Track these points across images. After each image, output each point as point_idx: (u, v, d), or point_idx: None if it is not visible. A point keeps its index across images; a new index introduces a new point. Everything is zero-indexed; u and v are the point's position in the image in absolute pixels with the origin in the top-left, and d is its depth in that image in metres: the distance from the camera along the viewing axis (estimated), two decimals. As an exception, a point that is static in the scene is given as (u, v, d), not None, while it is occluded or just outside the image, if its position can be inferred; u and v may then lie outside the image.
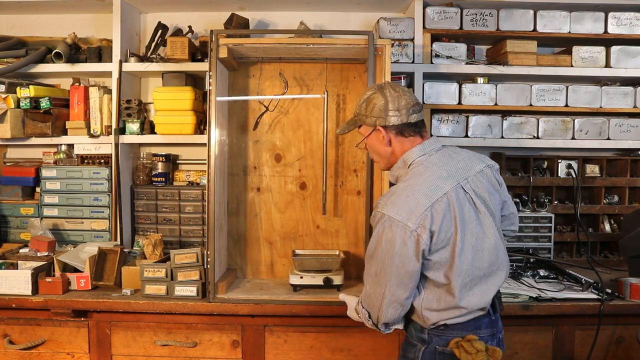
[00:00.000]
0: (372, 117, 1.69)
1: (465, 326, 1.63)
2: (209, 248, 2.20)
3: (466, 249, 1.58)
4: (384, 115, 1.67)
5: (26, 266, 2.34)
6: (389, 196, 1.61)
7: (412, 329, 1.72)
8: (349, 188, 2.57)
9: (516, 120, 2.72)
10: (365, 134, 1.74)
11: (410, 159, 1.68)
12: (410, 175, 1.64)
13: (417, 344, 1.69)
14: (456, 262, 1.57)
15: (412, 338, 1.71)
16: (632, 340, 2.17)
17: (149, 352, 2.24)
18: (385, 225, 1.56)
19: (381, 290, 1.60)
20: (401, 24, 2.68)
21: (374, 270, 1.61)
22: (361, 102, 1.73)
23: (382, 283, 1.59)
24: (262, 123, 2.57)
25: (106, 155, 2.75)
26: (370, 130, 1.72)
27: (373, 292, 1.63)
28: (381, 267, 1.58)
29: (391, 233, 1.55)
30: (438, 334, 1.65)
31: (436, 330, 1.65)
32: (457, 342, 1.61)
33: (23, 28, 2.99)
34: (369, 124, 1.71)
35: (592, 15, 2.68)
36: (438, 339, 1.65)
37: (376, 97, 1.69)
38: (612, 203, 2.85)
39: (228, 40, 2.25)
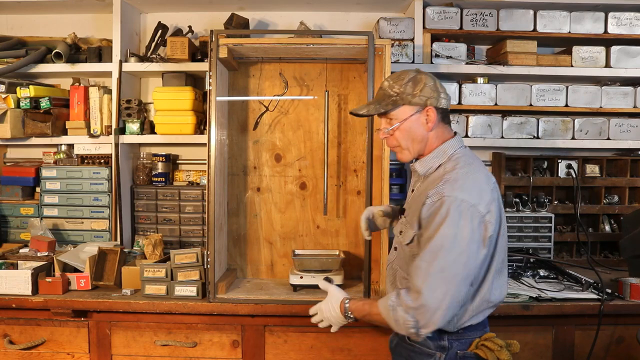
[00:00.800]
0: (422, 96, 1.58)
1: (479, 326, 1.61)
2: (209, 248, 2.20)
3: (502, 240, 1.57)
4: (437, 96, 1.59)
5: (26, 266, 2.34)
6: (452, 182, 1.50)
7: (425, 338, 1.58)
8: (349, 188, 2.57)
9: (516, 120, 2.72)
10: (405, 116, 1.60)
11: (452, 148, 1.62)
12: (461, 163, 1.57)
13: (434, 353, 1.59)
14: (496, 255, 1.55)
15: (427, 347, 1.61)
16: (632, 340, 2.17)
17: (149, 352, 2.24)
18: (459, 209, 1.45)
19: (445, 289, 1.44)
20: (401, 24, 2.68)
21: (441, 265, 1.44)
22: (404, 82, 1.60)
23: (449, 280, 1.44)
24: (262, 123, 2.57)
25: (106, 155, 2.75)
26: (413, 112, 1.60)
27: (432, 293, 1.43)
28: (451, 261, 1.44)
29: (464, 220, 1.44)
30: (458, 337, 1.59)
31: (457, 335, 1.58)
32: (478, 343, 1.58)
33: (23, 28, 2.99)
34: (415, 104, 1.59)
35: (592, 15, 2.68)
36: (458, 344, 1.59)
37: (425, 78, 1.60)
38: (612, 203, 2.85)
39: (228, 40, 2.25)
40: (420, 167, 1.67)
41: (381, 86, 1.67)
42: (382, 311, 1.54)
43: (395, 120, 1.63)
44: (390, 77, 1.66)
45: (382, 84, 1.67)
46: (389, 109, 1.62)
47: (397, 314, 1.48)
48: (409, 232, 1.61)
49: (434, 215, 1.48)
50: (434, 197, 1.50)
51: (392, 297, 1.52)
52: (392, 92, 1.62)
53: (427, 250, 1.47)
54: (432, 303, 1.44)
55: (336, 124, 2.55)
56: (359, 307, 1.65)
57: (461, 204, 1.46)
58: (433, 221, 1.48)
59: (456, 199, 1.46)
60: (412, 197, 1.70)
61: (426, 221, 1.51)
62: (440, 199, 1.48)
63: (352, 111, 1.73)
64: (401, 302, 1.48)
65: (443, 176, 1.55)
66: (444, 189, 1.49)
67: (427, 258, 1.46)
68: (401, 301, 1.48)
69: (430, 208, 1.50)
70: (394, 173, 2.78)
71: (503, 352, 1.56)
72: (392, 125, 1.63)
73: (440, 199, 1.48)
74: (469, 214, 1.46)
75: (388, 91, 1.63)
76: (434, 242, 1.46)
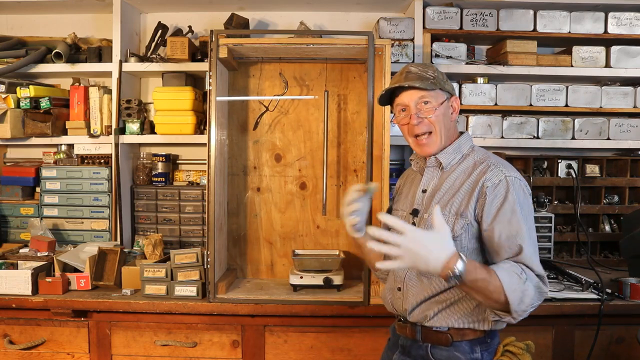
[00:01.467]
0: (450, 85, 1.63)
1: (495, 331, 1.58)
2: (209, 248, 2.20)
3: None
4: (454, 89, 1.68)
5: (26, 266, 2.34)
6: (501, 165, 1.54)
7: (455, 353, 1.51)
8: (349, 188, 2.56)
9: (516, 120, 2.72)
10: (441, 100, 1.59)
11: (469, 141, 1.66)
12: (487, 152, 1.63)
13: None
14: None
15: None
16: (632, 340, 2.17)
17: (149, 352, 2.24)
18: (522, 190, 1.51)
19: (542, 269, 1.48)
20: (401, 24, 2.68)
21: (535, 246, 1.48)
22: (435, 69, 1.62)
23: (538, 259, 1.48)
24: (262, 123, 2.57)
25: (106, 155, 2.75)
26: (444, 98, 1.60)
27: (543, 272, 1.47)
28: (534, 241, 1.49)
29: (530, 198, 1.53)
30: (487, 347, 1.54)
31: (485, 345, 1.53)
32: (503, 350, 1.56)
33: (23, 28, 2.99)
34: (447, 91, 1.61)
35: (592, 15, 2.68)
36: (487, 353, 1.53)
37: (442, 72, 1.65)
38: (612, 203, 2.85)
39: (228, 40, 2.25)
40: (444, 158, 1.61)
41: (408, 70, 1.62)
42: (505, 281, 1.37)
43: (432, 103, 1.58)
44: (415, 64, 1.64)
45: (408, 68, 1.62)
46: (433, 88, 1.57)
47: (528, 286, 1.40)
48: (458, 222, 1.52)
49: (507, 196, 1.48)
50: (494, 179, 1.50)
51: (516, 268, 1.41)
52: (428, 75, 1.59)
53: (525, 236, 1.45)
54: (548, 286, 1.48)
55: (336, 124, 2.55)
56: (477, 268, 1.38)
57: (521, 183, 1.52)
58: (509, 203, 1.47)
59: (516, 179, 1.52)
60: (442, 191, 1.59)
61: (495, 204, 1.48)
62: (505, 179, 1.50)
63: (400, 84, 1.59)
64: (529, 277, 1.41)
65: (483, 162, 1.57)
66: (502, 171, 1.52)
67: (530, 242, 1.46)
68: (530, 276, 1.42)
69: (495, 190, 1.49)
70: (394, 173, 2.77)
71: (525, 355, 1.55)
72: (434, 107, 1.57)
73: (503, 180, 1.50)
74: (528, 192, 1.54)
75: (423, 74, 1.59)
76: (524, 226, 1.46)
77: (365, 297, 2.17)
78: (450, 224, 1.52)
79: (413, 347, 1.59)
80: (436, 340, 1.54)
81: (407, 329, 1.61)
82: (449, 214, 1.54)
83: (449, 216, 1.53)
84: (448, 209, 1.54)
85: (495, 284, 1.37)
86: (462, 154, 1.62)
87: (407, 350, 1.61)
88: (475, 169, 1.57)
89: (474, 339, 1.52)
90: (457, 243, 1.49)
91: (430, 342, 1.55)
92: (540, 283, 1.44)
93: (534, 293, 1.41)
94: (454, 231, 1.50)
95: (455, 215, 1.53)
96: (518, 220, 1.46)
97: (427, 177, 1.66)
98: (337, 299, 2.20)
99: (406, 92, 1.59)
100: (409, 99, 1.59)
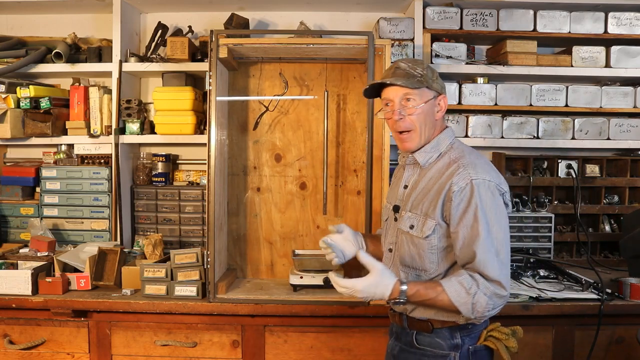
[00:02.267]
0: (438, 83, 1.63)
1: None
2: (209, 248, 2.20)
3: None
4: (443, 86, 1.66)
5: (26, 266, 2.34)
6: (472, 166, 1.54)
7: (436, 339, 1.60)
8: (349, 188, 2.57)
9: (516, 120, 2.72)
10: (426, 98, 1.61)
11: (449, 138, 1.67)
12: (466, 150, 1.62)
13: (448, 354, 1.58)
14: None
15: (441, 349, 1.59)
16: (632, 340, 2.17)
17: (149, 352, 2.24)
18: (490, 192, 1.51)
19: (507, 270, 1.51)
20: (401, 24, 2.68)
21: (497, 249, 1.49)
22: (424, 66, 1.63)
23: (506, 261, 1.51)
24: (262, 123, 2.57)
25: (106, 155, 2.75)
26: (431, 96, 1.62)
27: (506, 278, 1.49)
28: (501, 243, 1.50)
29: (498, 199, 1.52)
30: (468, 333, 1.59)
31: (467, 330, 1.59)
32: (486, 335, 1.60)
33: (23, 28, 2.99)
34: (435, 89, 1.62)
35: (592, 15, 2.68)
36: (468, 339, 1.59)
37: (435, 70, 1.66)
38: (612, 203, 2.85)
39: (228, 40, 2.25)
40: (421, 157, 1.65)
41: (397, 66, 1.64)
42: (452, 296, 1.48)
43: (415, 100, 1.60)
44: (406, 60, 1.66)
45: (398, 64, 1.64)
46: (418, 86, 1.60)
47: (478, 297, 1.47)
48: (427, 223, 1.58)
49: (470, 200, 1.50)
50: (461, 183, 1.52)
51: (467, 280, 1.48)
52: (416, 72, 1.61)
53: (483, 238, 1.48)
54: (508, 288, 1.49)
55: (336, 124, 2.55)
56: (420, 292, 1.53)
57: (489, 184, 1.52)
58: (471, 207, 1.49)
59: (484, 181, 1.51)
60: (417, 190, 1.64)
61: (458, 208, 1.52)
62: (469, 183, 1.51)
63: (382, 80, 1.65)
64: (481, 286, 1.47)
65: (455, 162, 1.58)
66: (469, 173, 1.52)
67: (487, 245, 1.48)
68: (481, 285, 1.47)
69: (460, 194, 1.51)
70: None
71: (510, 339, 1.58)
72: (416, 105, 1.60)
73: (468, 184, 1.51)
74: (498, 193, 1.53)
75: (411, 71, 1.61)
76: (484, 228, 1.48)
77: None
78: (421, 223, 1.60)
79: (402, 334, 1.69)
80: (420, 328, 1.63)
81: (396, 317, 1.72)
82: (420, 214, 1.61)
83: (420, 216, 1.61)
84: (420, 209, 1.61)
85: (443, 300, 1.50)
86: (439, 152, 1.65)
87: (398, 336, 1.72)
88: (447, 169, 1.59)
89: (453, 327, 1.59)
90: (427, 242, 1.58)
91: (415, 329, 1.64)
92: (497, 288, 1.48)
93: (487, 301, 1.47)
94: (422, 231, 1.59)
95: (425, 216, 1.59)
96: (478, 227, 1.48)
97: (408, 173, 1.72)
98: (337, 299, 2.20)
99: (392, 87, 1.63)
100: (394, 94, 1.63)
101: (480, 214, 1.49)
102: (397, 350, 1.71)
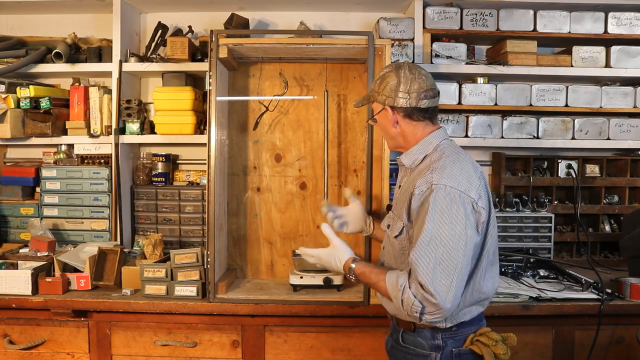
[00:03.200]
0: (382, 95, 1.65)
1: (473, 321, 1.62)
2: (209, 248, 2.20)
3: (492, 229, 1.59)
4: (393, 96, 1.63)
5: (26, 266, 2.34)
6: (440, 170, 1.51)
7: (418, 339, 1.62)
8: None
9: (516, 120, 2.72)
10: (376, 111, 1.70)
11: (437, 139, 1.65)
12: (447, 152, 1.59)
13: (429, 354, 1.60)
14: (487, 242, 1.57)
15: (422, 348, 1.61)
16: (632, 340, 2.17)
17: (149, 352, 2.24)
18: (449, 198, 1.46)
19: (449, 280, 1.43)
20: (401, 24, 2.68)
21: (439, 256, 1.43)
22: (376, 78, 1.70)
23: (451, 270, 1.43)
24: (262, 123, 2.57)
25: (106, 155, 2.75)
26: (380, 109, 1.68)
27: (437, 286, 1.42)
28: (448, 251, 1.44)
29: (456, 206, 1.45)
30: (452, 335, 1.59)
31: (450, 332, 1.59)
32: (472, 339, 1.59)
33: (23, 28, 2.99)
34: (379, 102, 1.67)
35: (592, 15, 2.68)
36: (452, 341, 1.59)
37: (390, 76, 1.65)
38: (612, 203, 2.85)
39: (228, 40, 2.25)
40: (406, 159, 1.69)
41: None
42: (388, 286, 1.53)
43: (375, 113, 1.73)
44: (380, 75, 1.72)
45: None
46: (364, 103, 1.80)
47: (405, 295, 1.47)
48: (397, 224, 1.63)
49: (425, 204, 1.49)
50: (423, 187, 1.52)
51: (402, 276, 1.51)
52: (370, 88, 1.74)
53: (422, 242, 1.46)
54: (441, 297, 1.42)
55: (336, 124, 2.55)
56: (365, 273, 1.63)
57: (451, 191, 1.47)
58: (424, 210, 1.48)
59: (445, 187, 1.48)
60: (400, 191, 1.71)
61: (417, 211, 1.52)
62: (429, 188, 1.49)
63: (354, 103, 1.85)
64: (412, 286, 1.47)
65: (430, 166, 1.57)
66: (432, 178, 1.51)
67: (425, 250, 1.45)
68: (412, 285, 1.47)
69: (420, 198, 1.51)
70: (394, 173, 2.76)
71: (499, 346, 1.55)
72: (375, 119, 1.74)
73: (429, 188, 1.50)
74: (460, 200, 1.47)
75: (371, 86, 1.75)
76: (428, 232, 1.45)
77: (365, 297, 2.17)
78: (394, 223, 1.66)
79: (394, 331, 1.74)
80: (404, 326, 1.67)
81: (389, 314, 1.78)
82: (395, 215, 1.67)
83: (394, 217, 1.67)
84: (397, 210, 1.67)
85: (381, 288, 1.57)
86: (425, 153, 1.65)
87: (391, 333, 1.78)
88: (426, 170, 1.58)
89: (435, 328, 1.60)
90: (398, 242, 1.63)
91: (402, 327, 1.68)
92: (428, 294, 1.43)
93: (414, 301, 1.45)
94: (393, 231, 1.65)
95: (398, 217, 1.64)
96: (422, 231, 1.47)
97: (401, 174, 1.78)
98: (337, 299, 2.20)
99: None
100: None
101: (428, 218, 1.46)
102: (389, 346, 1.77)
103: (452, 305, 1.45)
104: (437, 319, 1.47)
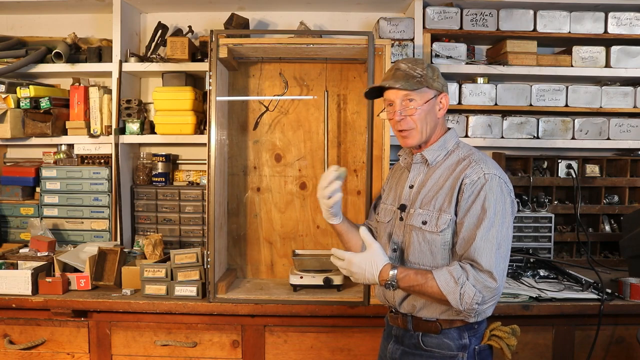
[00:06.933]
0: (439, 82, 1.66)
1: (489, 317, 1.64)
2: (209, 248, 2.20)
3: None
4: (447, 85, 1.70)
5: (26, 266, 2.34)
6: (483, 162, 1.57)
7: (444, 340, 1.59)
8: (349, 188, 2.57)
9: (516, 120, 2.72)
10: (427, 98, 1.63)
11: (455, 138, 1.71)
12: (473, 149, 1.67)
13: (456, 354, 1.58)
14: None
15: (449, 349, 1.58)
16: (632, 340, 2.17)
17: (149, 352, 2.24)
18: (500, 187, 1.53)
19: (504, 266, 1.51)
20: (401, 24, 2.68)
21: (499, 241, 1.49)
22: (424, 66, 1.65)
23: (505, 256, 1.51)
24: (262, 123, 2.57)
25: (106, 155, 2.75)
26: (432, 95, 1.64)
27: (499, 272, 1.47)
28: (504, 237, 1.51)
29: (505, 195, 1.54)
30: (474, 333, 1.60)
31: (474, 330, 1.60)
32: (489, 335, 1.62)
33: (23, 28, 2.99)
34: (435, 88, 1.65)
35: (592, 15, 2.68)
36: (474, 339, 1.60)
37: (436, 67, 1.68)
38: (612, 203, 2.85)
39: (228, 40, 2.25)
40: (429, 155, 1.68)
41: (397, 67, 1.66)
42: (441, 284, 1.49)
43: (416, 101, 1.63)
44: (405, 60, 1.68)
45: (398, 65, 1.67)
46: (417, 87, 1.62)
47: (466, 288, 1.47)
48: (442, 217, 1.58)
49: (480, 193, 1.53)
50: (474, 176, 1.55)
51: (455, 270, 1.49)
52: (416, 73, 1.64)
53: (484, 228, 1.50)
54: (500, 281, 1.48)
55: (336, 124, 2.56)
56: (409, 275, 1.54)
57: (500, 181, 1.55)
58: (481, 199, 1.52)
59: (497, 177, 1.55)
60: (427, 187, 1.64)
61: (469, 201, 1.54)
62: (483, 176, 1.54)
63: (381, 84, 1.67)
64: (470, 277, 1.47)
65: (466, 158, 1.61)
66: (482, 168, 1.56)
67: (487, 236, 1.49)
68: (470, 276, 1.47)
69: (472, 187, 1.54)
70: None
71: (511, 338, 1.61)
72: (417, 105, 1.62)
73: (482, 177, 1.54)
74: (507, 190, 1.56)
75: (410, 72, 1.64)
76: (489, 219, 1.50)
77: (365, 297, 2.17)
78: (435, 219, 1.60)
79: (406, 337, 1.67)
80: (426, 329, 1.61)
81: (399, 319, 1.69)
82: (433, 210, 1.61)
83: (433, 212, 1.61)
84: (432, 205, 1.61)
85: (432, 287, 1.50)
86: (447, 150, 1.68)
87: (400, 339, 1.69)
88: (458, 165, 1.62)
89: (461, 326, 1.59)
90: (441, 236, 1.58)
91: (421, 330, 1.62)
92: (488, 280, 1.47)
93: (475, 292, 1.47)
94: (437, 225, 1.59)
95: (439, 211, 1.59)
96: (484, 217, 1.51)
97: (414, 173, 1.72)
98: (337, 299, 2.20)
99: (392, 89, 1.65)
100: (395, 95, 1.65)
101: (487, 205, 1.51)
102: (399, 354, 1.68)
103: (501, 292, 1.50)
104: (491, 306, 1.52)
